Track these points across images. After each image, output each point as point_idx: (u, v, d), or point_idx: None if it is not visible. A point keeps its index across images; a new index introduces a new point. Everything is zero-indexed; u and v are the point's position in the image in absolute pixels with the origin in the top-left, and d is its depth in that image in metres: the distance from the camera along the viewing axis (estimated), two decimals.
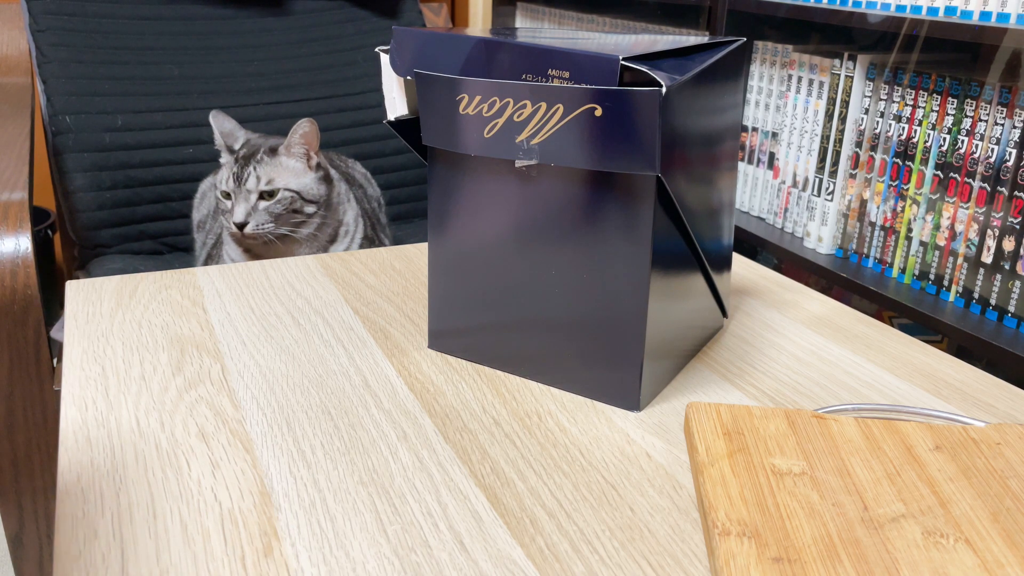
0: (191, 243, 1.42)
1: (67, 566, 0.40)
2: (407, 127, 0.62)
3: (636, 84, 0.49)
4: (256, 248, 1.15)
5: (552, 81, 0.50)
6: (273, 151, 1.12)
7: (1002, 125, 1.11)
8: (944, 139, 1.20)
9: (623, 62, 0.48)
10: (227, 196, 1.11)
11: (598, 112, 0.49)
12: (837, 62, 1.34)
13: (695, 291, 0.60)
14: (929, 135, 1.22)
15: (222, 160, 1.14)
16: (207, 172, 1.41)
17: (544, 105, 0.51)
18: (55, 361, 1.01)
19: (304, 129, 1.12)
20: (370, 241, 1.24)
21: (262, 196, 1.10)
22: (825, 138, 1.38)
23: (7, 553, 1.03)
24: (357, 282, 0.75)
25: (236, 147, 1.13)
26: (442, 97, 0.54)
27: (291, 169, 1.13)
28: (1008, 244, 1.11)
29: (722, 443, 0.47)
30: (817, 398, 0.57)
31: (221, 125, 1.14)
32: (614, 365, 0.54)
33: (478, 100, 0.53)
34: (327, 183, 1.17)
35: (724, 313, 0.67)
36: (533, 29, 0.63)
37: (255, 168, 1.10)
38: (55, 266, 2.13)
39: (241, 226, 1.09)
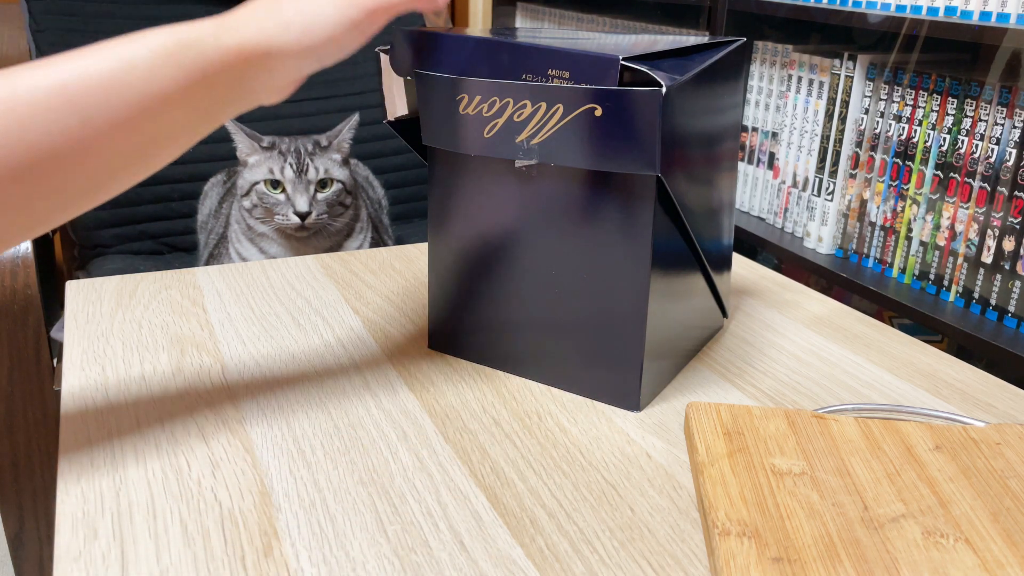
0: (191, 243, 1.42)
1: (67, 566, 0.40)
2: (407, 127, 0.62)
3: (636, 84, 0.49)
4: (291, 242, 1.14)
5: (552, 81, 0.50)
6: (318, 144, 1.13)
7: (1002, 125, 1.11)
8: (944, 139, 1.20)
9: (623, 62, 0.48)
10: (275, 187, 1.09)
11: (598, 112, 0.49)
12: (837, 62, 1.34)
13: (695, 291, 0.60)
14: (929, 135, 1.22)
15: (252, 159, 1.12)
16: (207, 172, 1.41)
17: (544, 105, 0.51)
18: (55, 361, 1.01)
19: (354, 123, 1.13)
20: (375, 242, 1.24)
21: (318, 187, 1.11)
22: (825, 138, 1.38)
23: (7, 553, 1.03)
24: (357, 282, 0.75)
25: (263, 144, 1.12)
26: (442, 97, 0.54)
27: (336, 161, 1.14)
28: (1008, 244, 1.11)
29: (722, 443, 0.47)
30: (817, 398, 0.57)
31: (240, 126, 1.14)
32: (614, 365, 0.54)
33: (478, 100, 0.53)
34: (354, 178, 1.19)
35: (724, 313, 0.67)
36: (533, 29, 0.63)
37: (310, 159, 1.10)
38: (55, 266, 2.13)
39: (304, 216, 1.09)
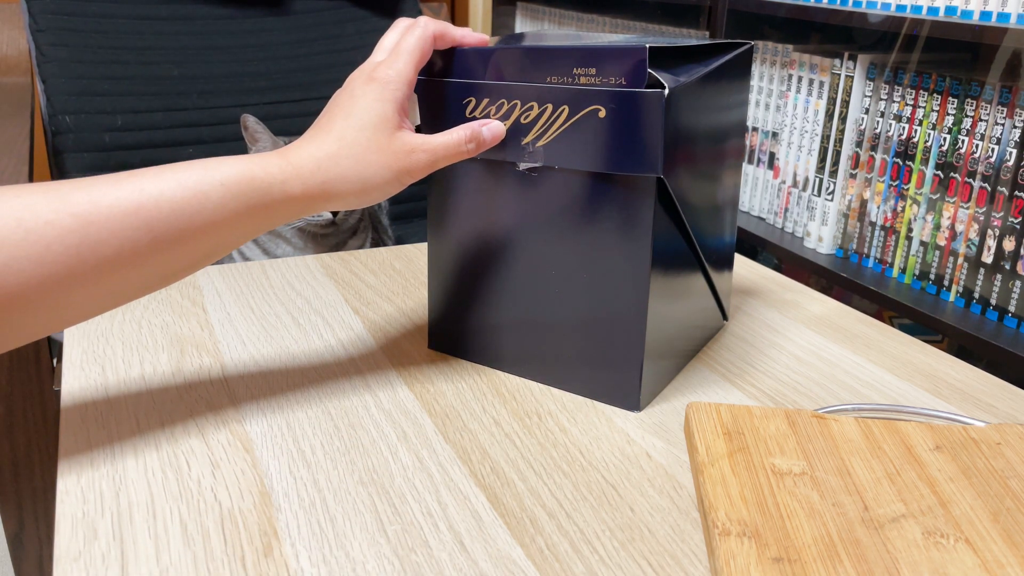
0: None
1: (67, 566, 0.40)
2: None
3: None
4: (304, 241, 1.14)
5: (579, 80, 0.50)
6: None
7: (1002, 125, 1.11)
8: (944, 139, 1.20)
9: (649, 48, 0.48)
10: None
11: (602, 114, 0.49)
12: (837, 62, 1.34)
13: (695, 291, 0.60)
14: (929, 135, 1.22)
15: None
16: None
17: (550, 107, 0.51)
18: (55, 361, 1.01)
19: None
20: (375, 242, 1.25)
21: None
22: (825, 138, 1.38)
23: (7, 553, 1.03)
24: (357, 282, 0.75)
25: (287, 142, 1.12)
26: (449, 102, 0.54)
27: None
28: (1008, 244, 1.11)
29: (722, 443, 0.47)
30: (817, 398, 0.57)
31: (266, 127, 1.13)
32: (614, 365, 0.54)
33: (486, 103, 0.53)
34: None
35: (724, 316, 0.67)
36: (538, 35, 0.63)
37: None
38: None
39: (335, 211, 1.09)
